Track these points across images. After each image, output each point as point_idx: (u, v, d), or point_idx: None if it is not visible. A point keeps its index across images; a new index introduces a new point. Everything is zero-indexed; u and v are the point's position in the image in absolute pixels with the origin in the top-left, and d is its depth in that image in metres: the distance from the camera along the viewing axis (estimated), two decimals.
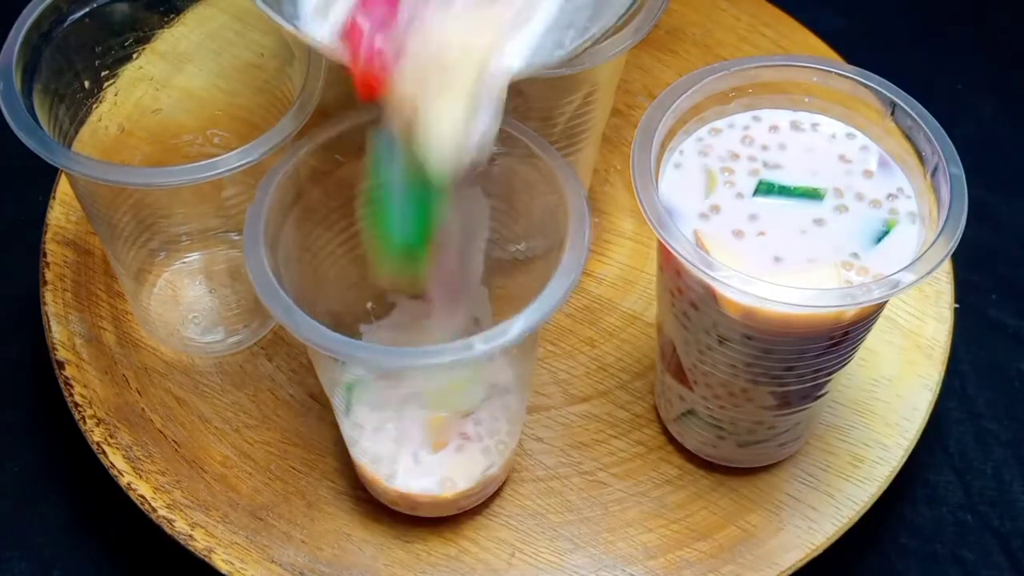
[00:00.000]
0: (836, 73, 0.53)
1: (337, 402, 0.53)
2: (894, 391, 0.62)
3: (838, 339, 0.51)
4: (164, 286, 0.63)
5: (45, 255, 0.65)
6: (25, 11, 0.55)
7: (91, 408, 0.60)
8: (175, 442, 0.60)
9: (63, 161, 0.51)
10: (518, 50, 0.47)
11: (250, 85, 0.61)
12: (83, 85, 0.58)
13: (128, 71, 0.60)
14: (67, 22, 0.56)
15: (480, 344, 0.45)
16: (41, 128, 0.52)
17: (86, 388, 0.61)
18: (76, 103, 0.58)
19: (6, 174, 0.75)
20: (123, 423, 0.60)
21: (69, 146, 0.57)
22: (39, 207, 0.67)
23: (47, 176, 0.68)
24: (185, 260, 0.63)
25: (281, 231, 0.50)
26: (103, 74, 0.59)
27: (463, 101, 0.46)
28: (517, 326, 0.45)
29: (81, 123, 0.58)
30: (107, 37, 0.58)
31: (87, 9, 0.56)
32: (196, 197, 0.59)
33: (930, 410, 0.61)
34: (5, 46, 0.54)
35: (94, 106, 0.59)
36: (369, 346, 0.46)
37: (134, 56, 0.60)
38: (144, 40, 0.60)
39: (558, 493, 0.59)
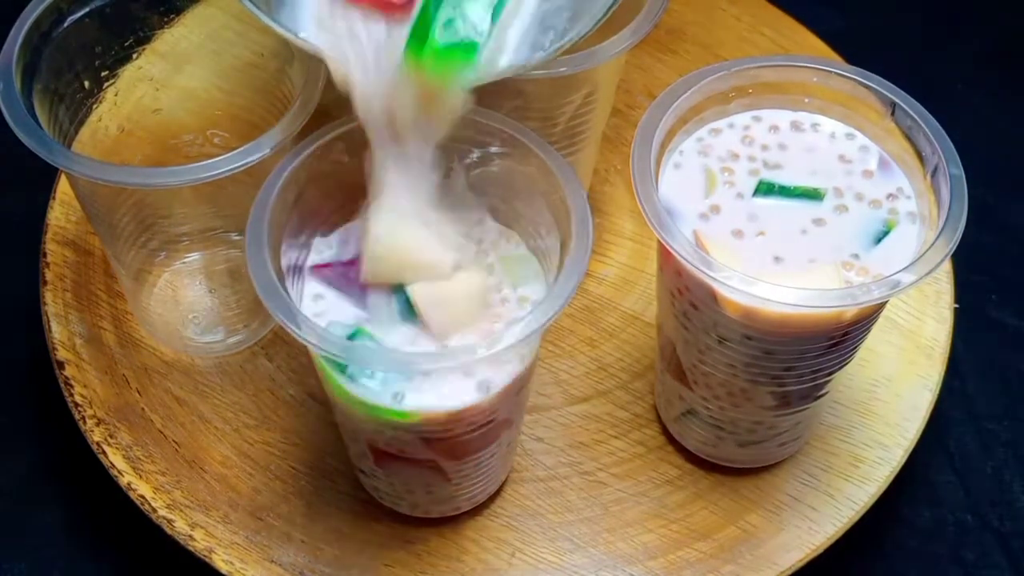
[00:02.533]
0: (836, 73, 0.53)
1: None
2: (894, 391, 0.62)
3: (838, 339, 0.51)
4: (164, 286, 0.63)
5: (45, 255, 0.65)
6: (25, 11, 0.54)
7: (91, 408, 0.60)
8: (175, 442, 0.60)
9: (63, 161, 0.51)
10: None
11: (250, 85, 0.61)
12: (83, 85, 0.58)
13: (128, 71, 0.60)
14: (67, 22, 0.56)
15: (483, 348, 0.45)
16: (41, 128, 0.52)
17: (86, 388, 0.61)
18: (76, 103, 0.58)
19: (6, 174, 0.75)
20: (123, 423, 0.60)
21: (69, 146, 0.57)
22: (39, 207, 0.67)
23: (47, 176, 0.68)
24: (185, 260, 0.63)
25: (282, 231, 0.50)
26: (103, 74, 0.59)
27: None
28: (520, 328, 0.45)
29: (81, 123, 0.58)
30: (107, 37, 0.58)
31: (87, 9, 0.56)
32: (196, 197, 0.59)
33: (930, 410, 0.61)
34: (5, 46, 0.54)
35: (94, 106, 0.59)
36: (370, 347, 0.46)
37: (134, 56, 0.60)
38: (144, 40, 0.60)
39: (558, 493, 0.59)
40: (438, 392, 0.47)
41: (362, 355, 0.45)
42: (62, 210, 0.67)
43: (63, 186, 0.68)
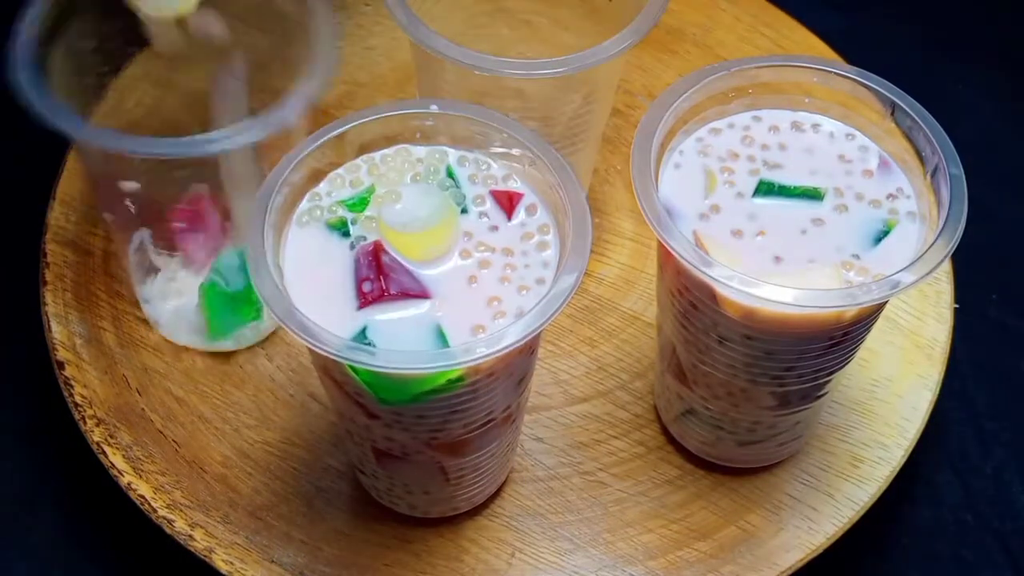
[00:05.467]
0: (836, 73, 0.53)
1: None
2: (894, 391, 0.62)
3: (838, 339, 0.51)
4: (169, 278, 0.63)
5: (45, 255, 0.65)
6: (30, 15, 0.54)
7: (91, 408, 0.60)
8: (175, 442, 0.60)
9: (111, 142, 0.51)
10: None
11: (251, 84, 0.61)
12: (87, 86, 0.58)
13: (129, 72, 0.60)
14: (71, 25, 0.56)
15: (482, 348, 0.45)
16: (64, 109, 0.52)
17: (86, 388, 0.61)
18: (82, 105, 0.58)
19: (6, 174, 0.75)
20: (123, 423, 0.60)
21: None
22: (39, 207, 0.67)
23: (47, 176, 0.68)
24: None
25: (281, 232, 0.50)
26: (105, 72, 0.59)
27: None
28: (519, 329, 0.45)
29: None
30: (109, 38, 0.58)
31: (87, 11, 0.56)
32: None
33: (930, 410, 0.61)
34: (19, 49, 0.54)
35: (96, 106, 0.59)
36: (371, 349, 0.46)
37: (135, 57, 0.60)
38: (145, 41, 0.60)
39: (558, 493, 0.59)
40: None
41: (363, 356, 0.45)
42: (62, 210, 0.67)
43: (63, 186, 0.68)
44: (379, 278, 0.48)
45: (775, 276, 0.48)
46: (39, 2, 0.55)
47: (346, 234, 0.50)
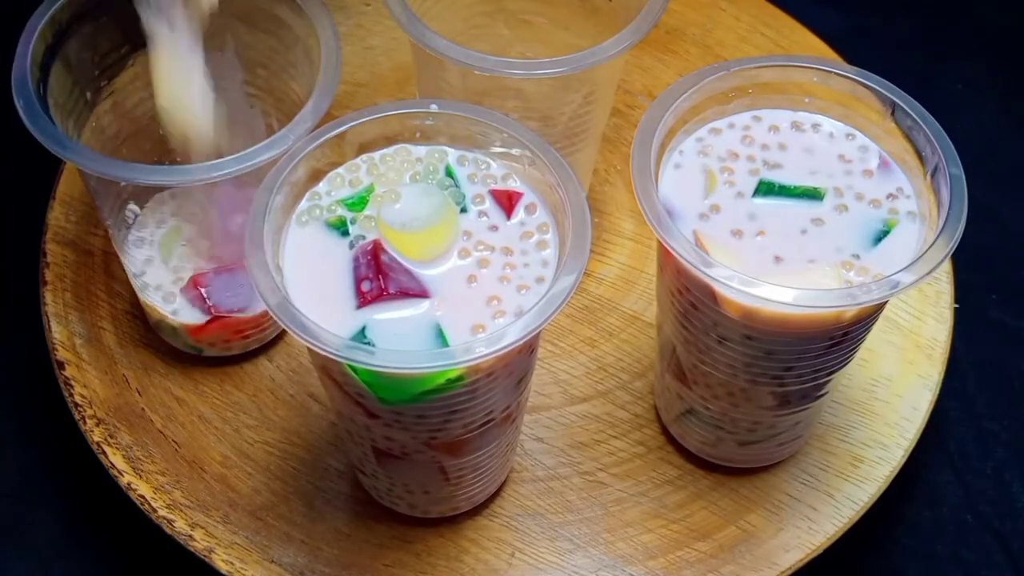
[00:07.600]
0: (836, 73, 0.53)
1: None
2: (894, 391, 0.62)
3: (838, 339, 0.51)
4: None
5: (45, 255, 0.65)
6: (27, 31, 0.55)
7: (91, 408, 0.60)
8: (175, 442, 0.60)
9: (113, 172, 0.52)
10: None
11: (252, 84, 0.61)
12: (85, 98, 0.58)
13: (125, 76, 0.60)
14: (68, 37, 0.56)
15: (482, 347, 0.45)
16: (70, 140, 0.53)
17: (86, 388, 0.61)
18: (79, 114, 0.58)
19: (6, 174, 0.75)
20: (123, 423, 0.60)
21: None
22: (39, 207, 0.67)
23: (47, 176, 0.68)
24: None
25: (281, 231, 0.50)
26: (102, 84, 0.59)
27: None
28: (519, 328, 0.45)
29: (83, 125, 0.58)
30: (104, 47, 0.58)
31: (86, 19, 0.56)
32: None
33: (930, 410, 0.61)
34: (16, 63, 0.54)
35: (93, 115, 0.59)
36: (370, 348, 0.46)
37: (130, 63, 0.60)
38: (141, 45, 0.60)
39: (558, 493, 0.59)
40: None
41: (362, 355, 0.45)
42: (62, 210, 0.67)
43: (63, 186, 0.68)
44: (378, 277, 0.48)
45: (775, 276, 0.48)
46: (37, 21, 0.55)
47: (345, 233, 0.50)
